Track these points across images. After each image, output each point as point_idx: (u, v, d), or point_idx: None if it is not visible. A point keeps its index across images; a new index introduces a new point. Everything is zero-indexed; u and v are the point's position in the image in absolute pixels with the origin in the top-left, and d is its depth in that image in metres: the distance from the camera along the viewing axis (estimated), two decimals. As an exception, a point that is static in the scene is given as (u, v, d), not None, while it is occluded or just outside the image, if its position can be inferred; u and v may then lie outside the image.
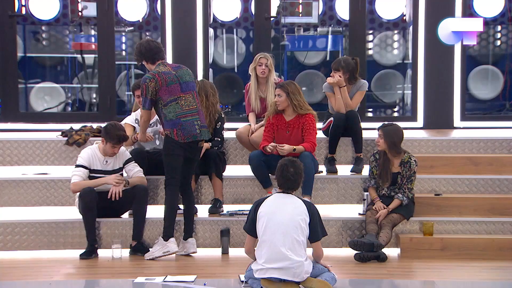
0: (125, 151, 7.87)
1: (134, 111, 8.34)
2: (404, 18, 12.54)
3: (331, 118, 8.44)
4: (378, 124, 8.12)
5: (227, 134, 8.49)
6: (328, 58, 12.60)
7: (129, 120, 8.18)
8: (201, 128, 7.44)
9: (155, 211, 8.00)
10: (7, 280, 6.81)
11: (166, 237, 7.41)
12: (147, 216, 7.73)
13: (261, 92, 8.51)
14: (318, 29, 12.60)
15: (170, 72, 7.41)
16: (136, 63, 9.27)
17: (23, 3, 12.41)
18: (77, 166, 7.67)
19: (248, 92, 8.59)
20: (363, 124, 8.54)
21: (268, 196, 6.42)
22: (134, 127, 8.10)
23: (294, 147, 7.85)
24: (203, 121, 7.52)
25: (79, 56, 12.66)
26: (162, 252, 7.37)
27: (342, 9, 12.51)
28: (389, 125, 7.87)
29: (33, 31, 13.07)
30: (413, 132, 9.62)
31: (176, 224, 7.56)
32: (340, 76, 8.37)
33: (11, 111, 10.67)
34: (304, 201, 6.30)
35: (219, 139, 8.20)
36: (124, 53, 13.04)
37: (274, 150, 7.81)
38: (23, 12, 12.39)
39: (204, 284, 6.49)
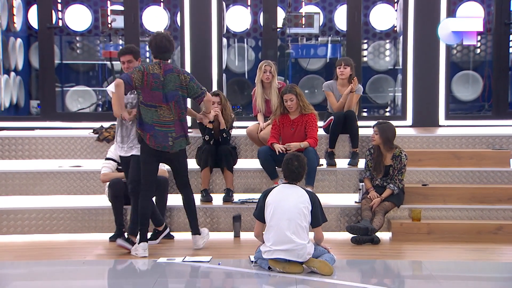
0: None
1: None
2: (395, 29, 12.51)
3: (332, 117, 8.42)
4: (372, 123, 8.10)
5: (238, 132, 8.51)
6: (328, 65, 12.60)
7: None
8: (174, 140, 6.79)
9: (175, 200, 8.00)
10: (47, 260, 6.85)
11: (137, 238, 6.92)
12: (167, 204, 7.73)
13: (266, 95, 8.52)
14: (319, 38, 12.57)
15: (159, 77, 6.70)
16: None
17: (60, 17, 12.44)
18: (107, 159, 7.67)
19: (254, 96, 8.59)
20: (359, 123, 8.51)
21: (275, 187, 6.41)
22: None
23: (301, 143, 7.83)
24: (179, 131, 6.82)
25: (108, 63, 12.66)
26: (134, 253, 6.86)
27: (341, 21, 12.50)
28: (384, 123, 7.86)
29: (68, 41, 13.09)
30: (403, 129, 9.57)
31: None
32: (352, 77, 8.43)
33: (49, 111, 10.69)
34: (306, 191, 6.28)
35: (228, 136, 8.16)
36: (148, 60, 13.03)
37: (284, 151, 7.75)
38: (60, 24, 12.42)
39: (219, 264, 6.48)
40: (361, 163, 8.28)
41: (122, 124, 7.04)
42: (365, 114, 12.36)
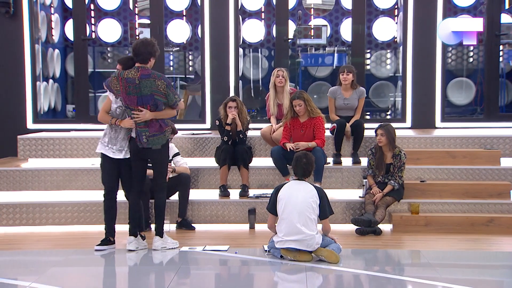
0: (173, 147, 7.86)
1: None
2: (396, 40, 12.44)
3: (335, 124, 8.38)
4: (374, 125, 8.08)
5: (253, 133, 8.50)
6: (334, 72, 12.57)
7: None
8: (148, 138, 6.46)
9: (196, 194, 8.01)
10: (82, 248, 6.89)
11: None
12: (189, 198, 7.72)
13: (278, 99, 8.51)
14: (327, 48, 12.53)
15: (134, 81, 6.36)
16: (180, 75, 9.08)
17: (93, 29, 12.47)
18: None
19: (268, 100, 8.58)
20: (362, 124, 8.53)
21: (286, 183, 6.40)
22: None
23: (309, 144, 7.81)
24: (152, 131, 6.47)
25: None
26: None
27: (346, 33, 12.45)
28: (387, 125, 7.82)
29: (101, 52, 13.12)
30: (403, 131, 9.52)
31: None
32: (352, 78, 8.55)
33: (83, 114, 10.72)
34: (315, 187, 6.27)
35: (244, 137, 8.16)
36: (171, 68, 13.05)
37: (293, 149, 7.75)
38: (93, 36, 12.45)
39: (235, 253, 6.48)
40: (363, 161, 8.25)
41: (112, 126, 6.65)
42: (368, 117, 12.31)
